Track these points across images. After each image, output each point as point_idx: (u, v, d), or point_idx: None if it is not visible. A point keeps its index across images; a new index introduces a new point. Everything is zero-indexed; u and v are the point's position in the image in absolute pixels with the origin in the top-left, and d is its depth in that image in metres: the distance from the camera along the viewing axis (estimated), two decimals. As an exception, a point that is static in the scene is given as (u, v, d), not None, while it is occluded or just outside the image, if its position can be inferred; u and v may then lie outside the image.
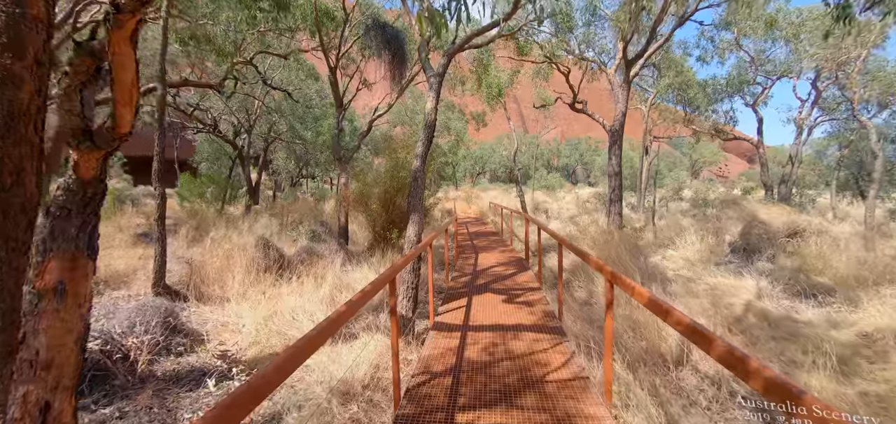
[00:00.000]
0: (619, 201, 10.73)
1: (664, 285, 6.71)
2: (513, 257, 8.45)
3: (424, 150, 4.93)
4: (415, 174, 4.83)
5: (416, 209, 4.69)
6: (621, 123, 10.71)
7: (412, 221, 4.68)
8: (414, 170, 4.85)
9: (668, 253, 8.52)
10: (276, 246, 7.46)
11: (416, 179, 4.79)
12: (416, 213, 4.68)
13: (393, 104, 10.55)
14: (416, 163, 4.86)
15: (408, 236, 4.67)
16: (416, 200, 4.71)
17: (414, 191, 4.75)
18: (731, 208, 15.55)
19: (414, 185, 4.76)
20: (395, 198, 8.24)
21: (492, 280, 6.45)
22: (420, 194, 4.75)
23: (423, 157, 4.92)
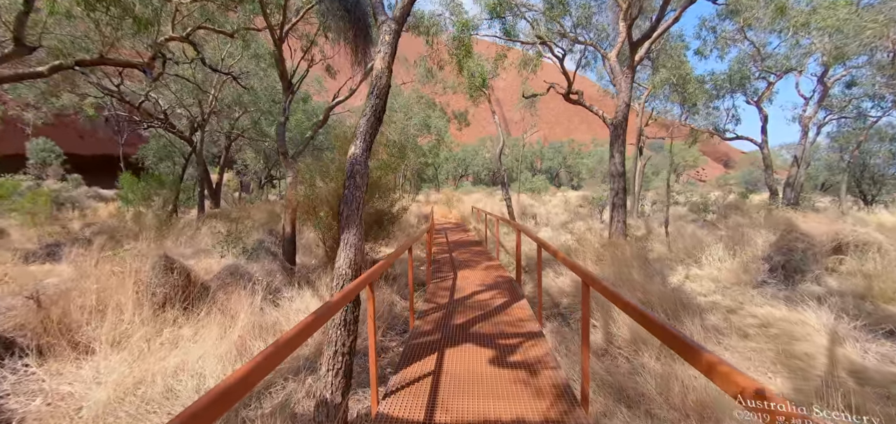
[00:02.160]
0: (623, 206, 9.15)
1: (699, 316, 5.10)
2: (501, 278, 6.72)
3: (369, 129, 3.13)
4: (351, 166, 3.02)
5: (352, 223, 2.89)
6: (624, 115, 9.15)
7: (345, 244, 2.87)
8: (351, 158, 3.05)
9: (690, 271, 6.94)
10: (183, 268, 5.51)
11: (354, 175, 2.99)
12: (350, 231, 2.87)
13: (356, 89, 8.72)
14: (355, 148, 3.06)
15: (337, 269, 2.85)
16: (352, 208, 2.91)
17: (349, 193, 2.94)
18: (735, 213, 14.28)
19: (349, 185, 2.96)
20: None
21: (475, 316, 4.69)
22: (358, 198, 2.95)
23: (367, 140, 3.12)
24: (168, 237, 11.74)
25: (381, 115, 3.22)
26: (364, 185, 3.02)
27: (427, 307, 5.05)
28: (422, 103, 27.14)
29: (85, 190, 24.28)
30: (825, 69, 13.36)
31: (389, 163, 6.60)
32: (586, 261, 7.59)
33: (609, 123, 9.36)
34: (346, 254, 2.85)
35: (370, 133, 3.14)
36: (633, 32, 9.05)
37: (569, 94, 10.15)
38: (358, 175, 2.98)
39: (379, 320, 5.23)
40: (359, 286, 2.54)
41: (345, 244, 2.87)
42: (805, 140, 14.25)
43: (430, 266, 6.36)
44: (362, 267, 2.96)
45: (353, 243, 2.86)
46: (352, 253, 2.86)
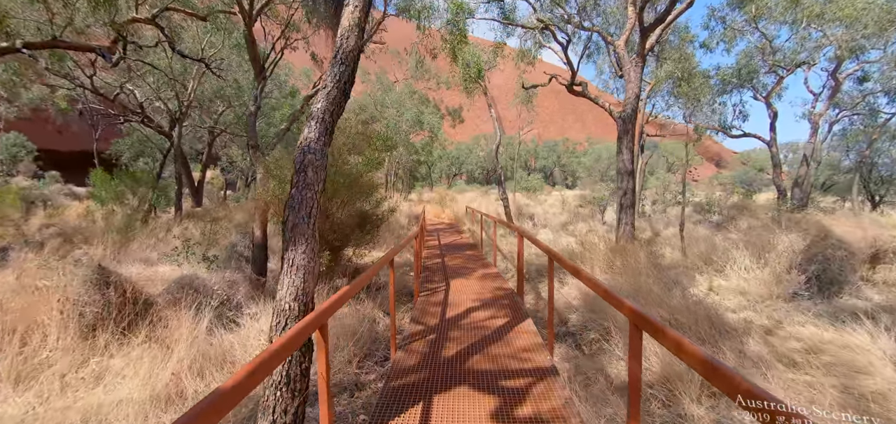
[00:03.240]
0: (632, 207, 8.38)
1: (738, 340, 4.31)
2: (499, 289, 5.89)
3: (330, 108, 2.28)
4: (302, 156, 2.17)
5: (301, 236, 2.04)
6: (634, 108, 8.37)
7: (290, 266, 2.01)
8: (302, 146, 2.20)
9: (712, 280, 6.17)
10: (122, 281, 4.61)
11: (306, 169, 2.14)
12: (299, 247, 2.02)
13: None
14: (309, 131, 2.21)
15: (278, 302, 2.00)
16: (302, 215, 2.05)
17: (297, 194, 2.09)
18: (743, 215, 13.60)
19: (298, 182, 2.11)
20: (329, 205, 5.53)
21: (471, 343, 3.85)
22: (311, 201, 2.10)
23: (327, 122, 2.26)
24: (135, 240, 10.78)
25: (348, 89, 2.37)
26: (319, 182, 2.16)
27: (413, 330, 4.20)
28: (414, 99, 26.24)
29: (59, 187, 23.04)
30: (838, 63, 12.71)
31: (374, 158, 5.73)
32: (595, 269, 6.79)
33: (617, 117, 8.58)
34: (292, 281, 2.00)
35: (331, 112, 2.29)
36: (643, 17, 8.26)
37: (572, 85, 9.35)
38: (311, 168, 2.13)
39: (356, 344, 4.38)
40: (309, 327, 1.69)
41: (290, 265, 2.01)
42: (814, 138, 13.60)
43: (418, 276, 5.51)
44: (314, 298, 2.11)
45: (301, 264, 2.00)
46: (300, 279, 2.00)
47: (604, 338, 4.65)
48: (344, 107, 2.36)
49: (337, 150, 5.31)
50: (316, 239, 2.10)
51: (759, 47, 13.66)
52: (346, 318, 4.98)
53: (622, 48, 8.65)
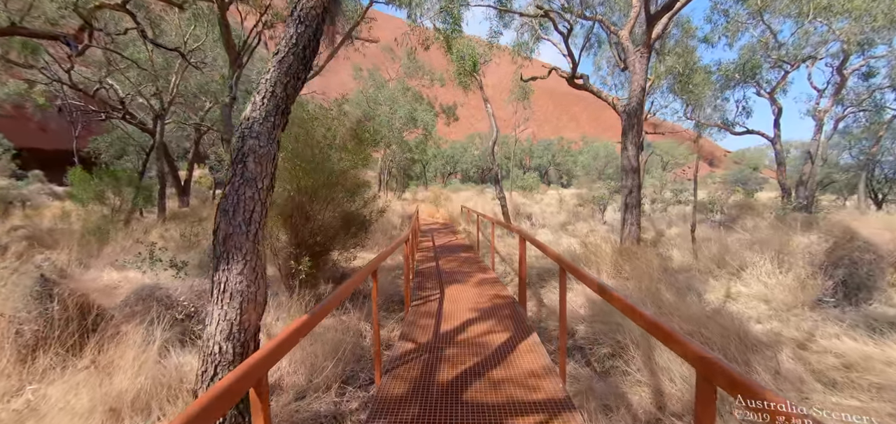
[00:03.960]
0: (638, 207, 7.89)
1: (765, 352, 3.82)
2: (499, 298, 5.37)
3: (282, 78, 1.72)
4: (241, 141, 1.61)
5: (238, 251, 1.48)
6: (639, 101, 7.88)
7: (220, 291, 1.46)
8: (242, 127, 1.63)
9: (730, 286, 5.68)
10: (69, 294, 4.01)
11: (245, 158, 1.58)
12: (234, 264, 1.47)
13: (322, 66, 7.26)
14: (252, 110, 1.65)
15: (204, 342, 1.45)
16: (238, 223, 1.50)
17: (232, 193, 1.53)
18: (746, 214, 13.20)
19: (234, 176, 1.55)
20: (311, 206, 4.97)
21: (469, 366, 3.31)
22: (251, 201, 1.55)
23: (277, 98, 1.71)
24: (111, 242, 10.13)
25: (309, 57, 1.82)
26: (265, 177, 1.62)
27: (403, 348, 3.66)
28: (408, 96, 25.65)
29: (39, 187, 22.16)
30: (844, 58, 12.33)
31: (359, 153, 5.16)
32: (601, 274, 6.28)
33: (621, 111, 8.08)
34: (223, 314, 1.45)
35: (284, 85, 1.73)
36: (650, 5, 7.76)
37: (573, 78, 8.83)
38: (253, 158, 1.58)
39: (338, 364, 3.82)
40: (241, 383, 1.15)
41: (221, 292, 1.47)
42: (819, 135, 13.23)
43: (408, 283, 4.96)
44: (259, 334, 1.55)
45: (237, 289, 1.46)
46: (234, 309, 1.45)
47: (617, 354, 4.13)
48: (303, 80, 1.81)
49: (316, 144, 4.74)
50: (259, 255, 1.56)
51: (762, 40, 13.25)
52: (327, 332, 4.43)
53: (626, 38, 8.16)
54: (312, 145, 4.70)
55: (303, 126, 4.77)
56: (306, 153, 4.67)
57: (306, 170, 4.64)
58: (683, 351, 1.36)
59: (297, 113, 4.92)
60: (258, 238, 1.56)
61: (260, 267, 1.58)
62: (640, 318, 1.75)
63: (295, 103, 5.07)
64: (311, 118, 4.73)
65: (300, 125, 4.83)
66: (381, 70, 26.94)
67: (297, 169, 4.60)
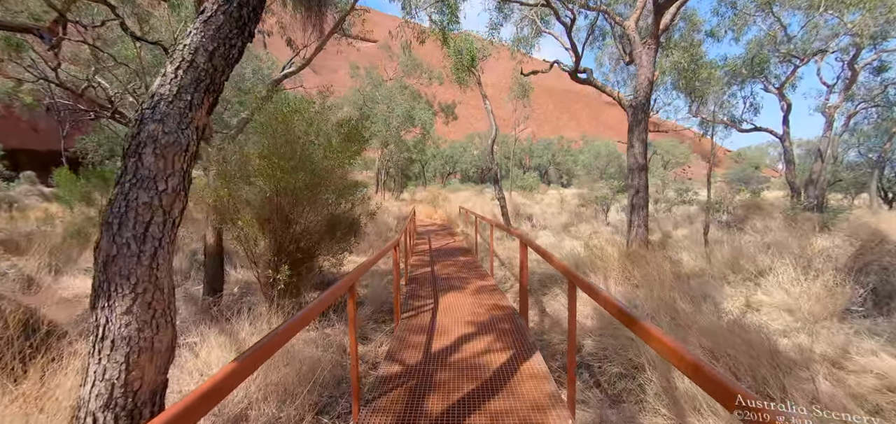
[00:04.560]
0: (645, 207, 7.45)
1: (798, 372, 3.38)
2: (498, 308, 4.93)
3: (208, 44, 1.27)
4: (139, 124, 1.16)
5: (126, 278, 1.03)
6: (647, 95, 7.44)
7: (99, 337, 1.02)
8: (142, 108, 1.18)
9: (749, 294, 5.23)
10: (7, 309, 3.56)
11: (140, 150, 1.13)
12: (121, 297, 1.02)
13: (310, 59, 6.80)
14: (160, 86, 1.20)
15: (78, 408, 1.10)
16: (126, 237, 1.06)
17: (121, 197, 1.09)
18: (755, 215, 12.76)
19: (124, 171, 1.11)
20: (292, 208, 4.51)
21: (466, 391, 2.87)
22: (147, 210, 1.10)
23: (198, 69, 1.26)
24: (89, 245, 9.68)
25: (248, 22, 1.37)
26: (171, 177, 1.17)
27: (388, 371, 3.21)
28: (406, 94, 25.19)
29: (27, 188, 21.70)
30: (856, 52, 11.89)
31: (345, 149, 4.71)
32: (609, 281, 5.83)
33: (627, 106, 7.65)
34: (102, 370, 1.00)
35: (209, 52, 1.29)
36: (657, -7, 7.32)
37: (576, 72, 8.39)
38: (154, 148, 1.14)
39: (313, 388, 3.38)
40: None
41: (99, 338, 1.02)
42: (829, 132, 12.79)
43: (398, 294, 4.50)
44: (163, 394, 1.10)
45: (123, 335, 1.02)
46: (119, 364, 1.01)
47: (630, 374, 3.70)
48: (239, 50, 1.37)
49: (296, 139, 4.28)
50: (161, 286, 1.11)
51: (770, 34, 12.81)
52: (305, 349, 3.99)
53: (632, 29, 7.72)
54: (292, 141, 4.25)
55: (282, 120, 4.32)
56: (285, 150, 4.22)
57: (285, 169, 4.19)
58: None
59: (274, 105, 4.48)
60: (158, 262, 1.12)
61: (162, 302, 1.14)
62: (683, 363, 1.30)
63: (276, 93, 4.52)
64: (291, 111, 4.28)
65: (279, 119, 4.38)
66: (379, 69, 26.49)
67: (276, 167, 4.15)
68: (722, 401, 1.12)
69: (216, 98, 1.33)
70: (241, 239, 4.41)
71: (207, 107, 1.29)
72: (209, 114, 1.32)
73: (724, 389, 1.10)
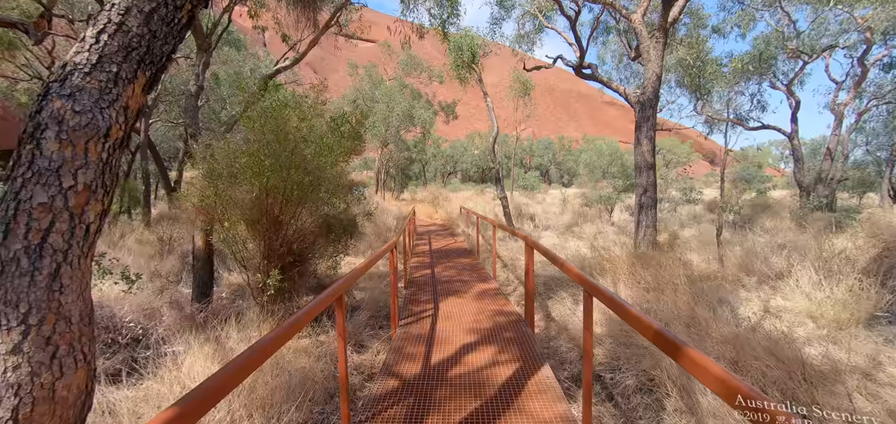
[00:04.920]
0: (654, 207, 7.18)
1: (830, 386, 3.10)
2: (502, 314, 4.66)
3: (144, 3, 0.98)
4: (42, 101, 0.90)
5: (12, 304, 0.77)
6: (655, 90, 7.16)
7: None
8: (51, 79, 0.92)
9: (767, 299, 4.95)
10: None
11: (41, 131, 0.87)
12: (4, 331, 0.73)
13: (304, 53, 6.54)
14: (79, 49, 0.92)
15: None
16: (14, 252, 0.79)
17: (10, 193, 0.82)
18: (764, 214, 12.48)
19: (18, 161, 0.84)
20: (283, 209, 4.24)
21: (469, 410, 2.60)
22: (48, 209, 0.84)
23: (128, 34, 0.98)
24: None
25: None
26: (84, 170, 0.89)
27: (383, 388, 2.94)
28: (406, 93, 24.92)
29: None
30: (866, 48, 11.59)
31: (338, 147, 4.43)
32: (618, 285, 5.55)
33: (634, 102, 7.37)
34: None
35: (145, 15, 1.01)
36: (665, -15, 7.04)
37: (581, 68, 8.11)
38: (56, 132, 0.87)
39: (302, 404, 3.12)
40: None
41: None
42: (838, 130, 12.49)
43: (395, 302, 4.23)
44: None
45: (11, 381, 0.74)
46: (6, 416, 0.73)
47: (646, 388, 3.42)
48: (189, 15, 1.10)
49: (287, 136, 4.01)
50: (67, 312, 0.85)
51: (777, 30, 12.51)
52: (296, 359, 3.72)
53: (639, 22, 7.44)
54: (282, 137, 3.98)
55: (272, 115, 4.05)
56: (274, 147, 3.94)
57: (275, 167, 3.92)
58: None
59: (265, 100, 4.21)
60: (63, 282, 0.85)
61: (69, 335, 0.86)
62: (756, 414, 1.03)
63: (275, 91, 4.18)
64: (281, 105, 4.00)
65: (269, 114, 4.11)
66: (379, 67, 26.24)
67: (264, 165, 3.87)
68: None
69: (156, 74, 1.07)
70: (227, 242, 4.13)
71: (144, 83, 1.02)
72: (147, 92, 1.06)
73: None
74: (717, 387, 1.14)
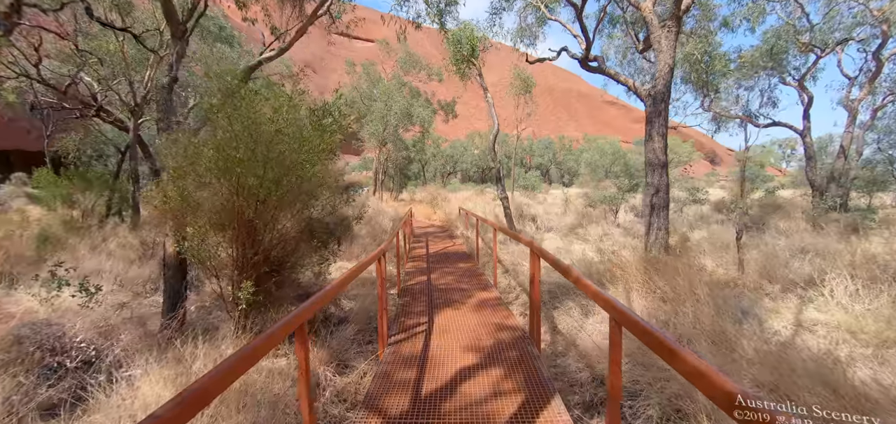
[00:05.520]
0: (666, 208, 6.70)
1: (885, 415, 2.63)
2: (505, 330, 4.19)
3: None
4: None
5: None
6: (667, 83, 6.68)
7: None
8: None
9: (799, 311, 4.47)
10: None
11: None
12: None
13: (291, 43, 6.05)
14: None
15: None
16: None
17: None
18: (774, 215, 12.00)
19: None
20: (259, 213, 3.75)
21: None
22: None
23: None
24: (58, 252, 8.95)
25: None
26: None
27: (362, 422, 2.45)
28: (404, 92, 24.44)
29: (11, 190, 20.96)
30: (882, 41, 11.12)
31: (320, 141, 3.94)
32: (631, 294, 5.07)
33: (645, 95, 6.89)
34: None
35: None
36: (678, -30, 6.56)
37: (587, 60, 7.63)
38: None
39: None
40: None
41: None
42: (852, 126, 12.02)
43: (383, 321, 3.74)
44: None
45: None
46: None
47: (672, 419, 2.94)
48: None
49: (260, 129, 3.53)
50: None
51: (789, 23, 12.04)
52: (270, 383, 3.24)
53: (650, 11, 6.96)
54: (253, 130, 3.50)
55: (244, 104, 3.57)
56: (245, 139, 3.46)
57: (245, 163, 3.44)
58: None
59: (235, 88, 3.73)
60: None
61: None
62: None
63: (249, 78, 3.50)
64: (252, 93, 3.53)
65: (241, 103, 3.63)
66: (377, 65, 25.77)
67: (234, 162, 3.40)
68: None
69: None
70: (194, 251, 3.65)
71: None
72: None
73: None
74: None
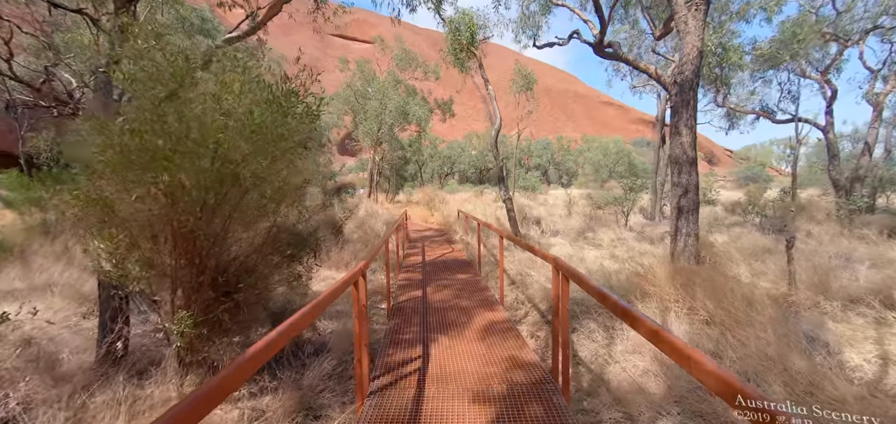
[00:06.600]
0: (696, 211, 5.85)
1: None
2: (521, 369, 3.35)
3: None
4: None
5: None
6: (695, 69, 5.86)
7: None
8: None
9: (882, 338, 3.64)
10: None
11: None
12: None
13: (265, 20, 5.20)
14: None
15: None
16: None
17: None
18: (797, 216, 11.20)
19: None
20: (204, 221, 2.88)
21: None
22: None
23: None
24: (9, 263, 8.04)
25: None
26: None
27: None
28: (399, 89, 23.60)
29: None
30: (910, 30, 10.36)
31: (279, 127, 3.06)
32: (668, 316, 4.21)
33: (670, 83, 6.06)
34: None
35: None
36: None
37: (601, 45, 6.80)
38: None
39: None
40: None
41: None
42: (878, 121, 11.25)
43: (362, 366, 2.87)
44: None
45: None
46: None
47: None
48: None
49: (192, 109, 2.66)
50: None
51: (808, 11, 11.27)
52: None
53: (674, -12, 6.13)
54: (185, 111, 2.63)
55: (175, 77, 2.70)
56: (175, 124, 2.60)
57: (172, 152, 2.57)
58: None
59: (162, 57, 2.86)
60: None
61: None
62: None
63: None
64: (183, 56, 2.67)
65: (171, 76, 2.75)
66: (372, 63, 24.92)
67: (157, 150, 2.53)
68: None
69: None
70: (110, 271, 2.78)
71: None
72: None
73: None
74: None
